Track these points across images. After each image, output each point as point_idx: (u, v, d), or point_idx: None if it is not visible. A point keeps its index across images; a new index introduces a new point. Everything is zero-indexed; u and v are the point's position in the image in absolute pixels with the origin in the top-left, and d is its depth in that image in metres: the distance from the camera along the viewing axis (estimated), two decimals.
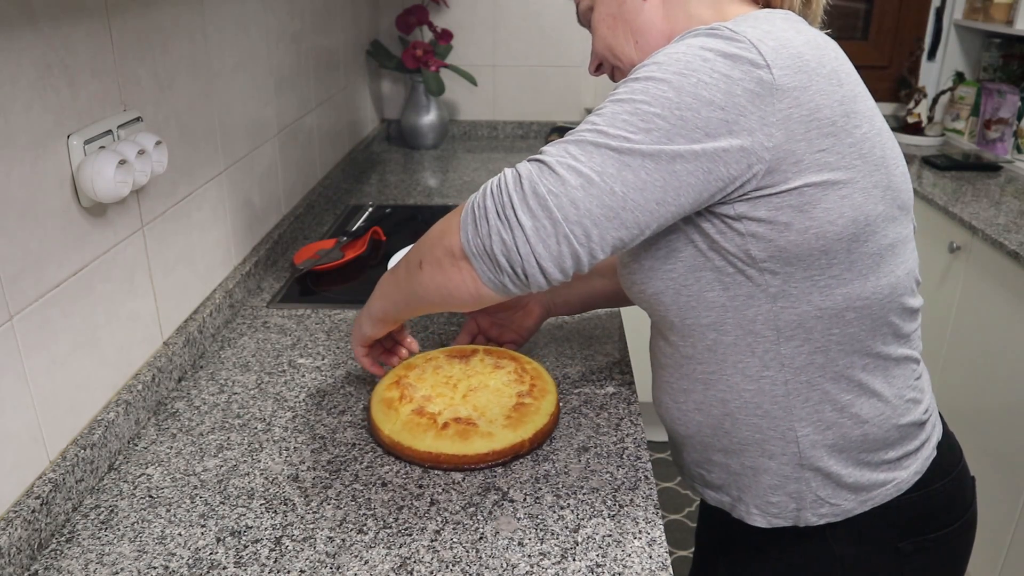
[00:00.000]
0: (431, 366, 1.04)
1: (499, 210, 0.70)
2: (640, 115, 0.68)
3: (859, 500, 0.85)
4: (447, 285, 0.77)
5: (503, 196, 0.70)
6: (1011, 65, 2.56)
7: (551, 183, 0.69)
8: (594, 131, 0.70)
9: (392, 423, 0.94)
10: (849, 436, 0.83)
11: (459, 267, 0.75)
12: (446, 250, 0.76)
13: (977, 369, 1.92)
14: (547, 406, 0.98)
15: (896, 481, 0.85)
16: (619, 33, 0.88)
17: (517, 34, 2.58)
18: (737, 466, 0.88)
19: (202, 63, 1.22)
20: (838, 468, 0.84)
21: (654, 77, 0.69)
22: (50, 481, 0.82)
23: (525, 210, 0.69)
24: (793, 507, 0.86)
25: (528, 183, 0.69)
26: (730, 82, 0.68)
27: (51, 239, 0.85)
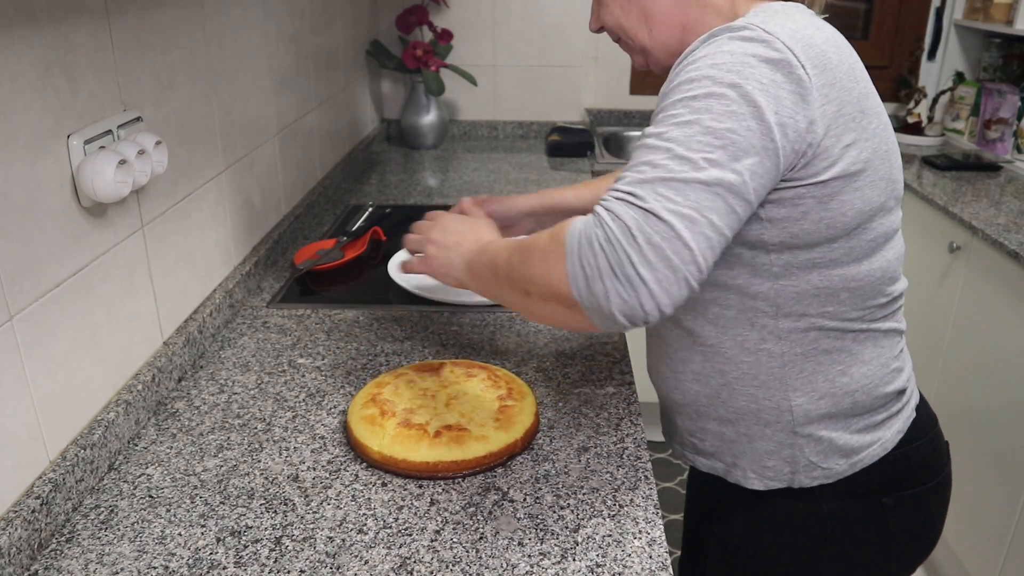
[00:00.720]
0: (403, 381, 1.03)
1: (616, 269, 0.67)
2: (713, 134, 0.69)
3: (849, 463, 0.90)
4: (559, 320, 0.75)
5: (618, 253, 0.67)
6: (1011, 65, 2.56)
7: (663, 231, 0.66)
8: (676, 159, 0.69)
9: (380, 439, 0.92)
10: (840, 404, 0.88)
11: (572, 311, 0.72)
12: (555, 294, 0.73)
13: (977, 369, 1.92)
14: (529, 406, 0.98)
15: (881, 441, 0.91)
16: (633, 17, 0.90)
17: (517, 34, 2.58)
18: (732, 434, 0.92)
19: (202, 63, 1.22)
20: (830, 434, 0.89)
21: (714, 93, 0.71)
22: (50, 481, 0.82)
23: (645, 264, 0.66)
24: (788, 471, 0.91)
25: (642, 235, 0.66)
26: (778, 87, 0.71)
27: (51, 239, 0.85)
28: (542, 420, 1.02)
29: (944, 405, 2.03)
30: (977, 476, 1.90)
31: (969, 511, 1.94)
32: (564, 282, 0.71)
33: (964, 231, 1.96)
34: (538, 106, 2.68)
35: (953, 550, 2.02)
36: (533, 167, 2.32)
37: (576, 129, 2.46)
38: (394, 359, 1.17)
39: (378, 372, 1.14)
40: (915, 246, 2.21)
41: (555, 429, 1.00)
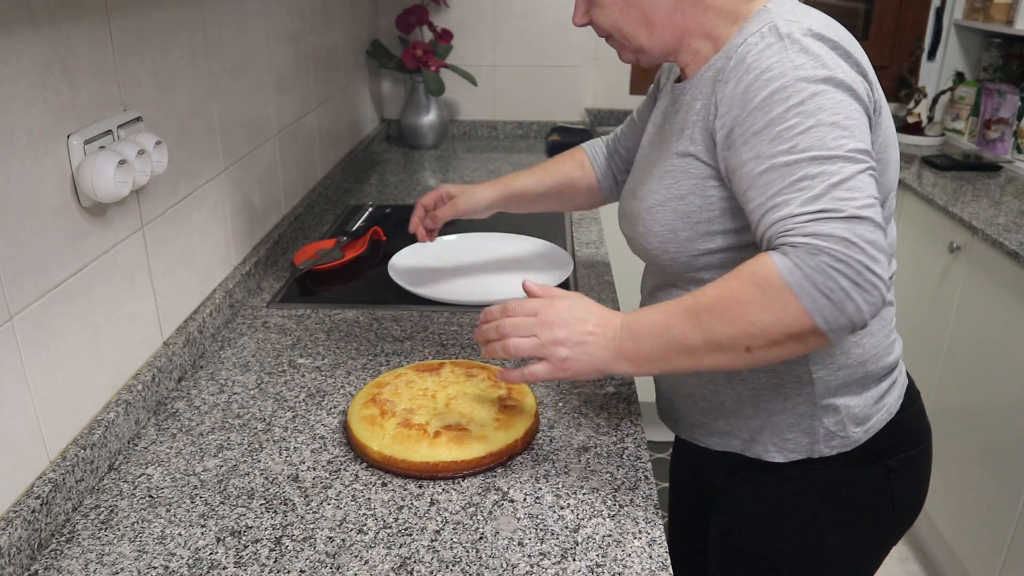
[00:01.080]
0: (402, 382, 1.03)
1: (858, 281, 0.70)
2: (839, 126, 0.75)
3: (864, 430, 0.94)
4: (784, 356, 0.76)
5: (853, 267, 0.70)
6: (1011, 65, 2.56)
7: (869, 228, 0.71)
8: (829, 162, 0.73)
9: (380, 439, 0.92)
10: (855, 374, 0.92)
11: (806, 341, 0.73)
12: (793, 334, 0.73)
13: (977, 369, 1.92)
14: (529, 406, 0.98)
15: (887, 407, 0.96)
16: (632, 19, 0.92)
17: (517, 34, 2.58)
18: (751, 410, 0.95)
19: (202, 63, 1.22)
20: (847, 403, 0.93)
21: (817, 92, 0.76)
22: (50, 481, 0.82)
23: (875, 262, 0.71)
24: (807, 442, 0.94)
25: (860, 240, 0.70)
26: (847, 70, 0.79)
27: (51, 239, 0.85)
28: (542, 420, 1.02)
29: (944, 405, 2.03)
30: (977, 476, 1.90)
31: (969, 511, 1.94)
32: (806, 317, 0.71)
33: (964, 231, 1.96)
34: (538, 106, 2.68)
35: (953, 550, 2.02)
36: None
37: (576, 129, 2.46)
38: (394, 359, 1.17)
39: (378, 372, 1.14)
40: (915, 246, 2.20)
41: (555, 429, 1.00)
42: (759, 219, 0.77)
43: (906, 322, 2.05)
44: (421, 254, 1.55)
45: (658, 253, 0.94)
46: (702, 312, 0.75)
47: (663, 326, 0.78)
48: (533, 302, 0.85)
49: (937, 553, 2.16)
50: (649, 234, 0.94)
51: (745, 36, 0.83)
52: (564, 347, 0.81)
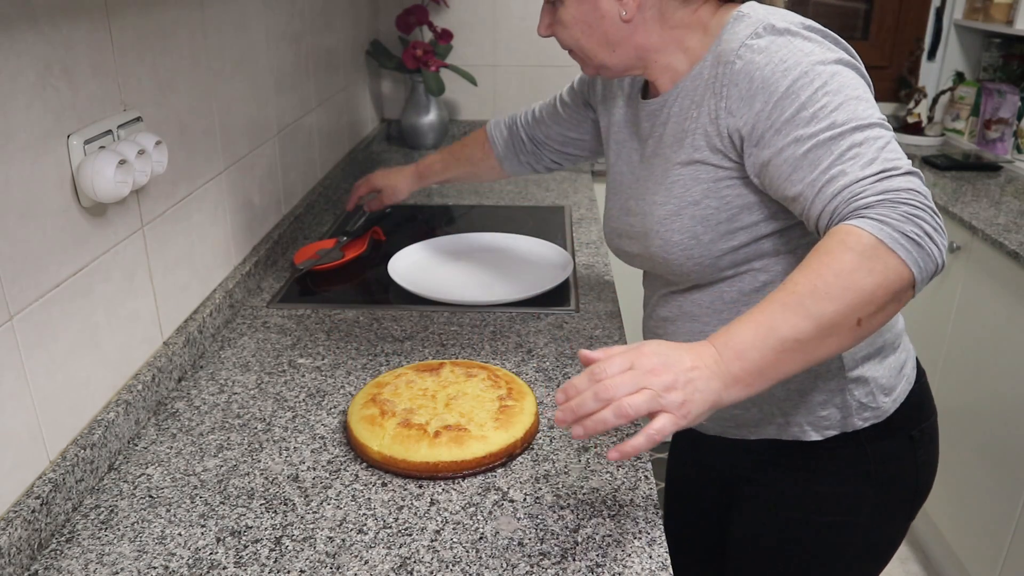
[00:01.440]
0: (402, 382, 1.03)
1: (934, 225, 0.73)
2: (862, 99, 0.80)
3: (892, 400, 0.99)
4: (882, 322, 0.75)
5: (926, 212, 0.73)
6: (1011, 65, 2.56)
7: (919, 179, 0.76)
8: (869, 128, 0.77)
9: (380, 439, 0.92)
10: (875, 343, 0.97)
11: (901, 299, 0.74)
12: (895, 294, 0.72)
13: (977, 369, 1.92)
14: (529, 406, 0.98)
15: (907, 376, 1.01)
16: (593, 40, 0.94)
17: (517, 34, 2.58)
18: (782, 393, 0.97)
19: (202, 63, 1.22)
20: (873, 373, 0.97)
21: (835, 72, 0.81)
22: (50, 481, 0.82)
23: (936, 208, 0.76)
24: (839, 416, 0.97)
25: (922, 187, 0.75)
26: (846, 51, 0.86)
27: (51, 239, 0.85)
28: (542, 420, 1.02)
29: (944, 404, 2.02)
30: (977, 476, 1.90)
31: (969, 511, 1.94)
32: (905, 269, 0.72)
33: (964, 231, 1.96)
34: None
35: (953, 550, 2.02)
36: None
37: None
38: (394, 359, 1.17)
39: (378, 372, 1.14)
40: None
41: (555, 429, 1.00)
42: (815, 196, 0.78)
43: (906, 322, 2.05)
44: (421, 254, 1.55)
45: (682, 261, 0.95)
46: (805, 299, 0.71)
47: (766, 331, 0.72)
48: (618, 357, 0.73)
49: (937, 553, 2.16)
50: (669, 244, 0.95)
51: (738, 41, 0.85)
52: (677, 391, 0.71)
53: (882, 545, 1.05)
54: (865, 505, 1.00)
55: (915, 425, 1.02)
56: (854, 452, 0.99)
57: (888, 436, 0.99)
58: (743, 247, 0.92)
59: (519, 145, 1.37)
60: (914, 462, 1.02)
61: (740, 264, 0.94)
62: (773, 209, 0.90)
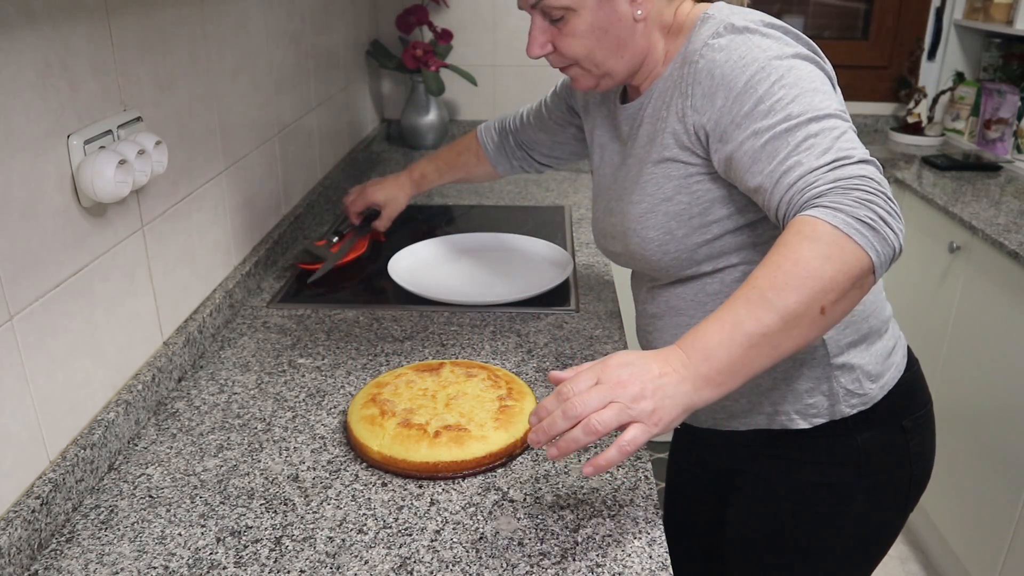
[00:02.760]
0: (402, 382, 1.03)
1: (889, 210, 0.74)
2: (819, 92, 0.80)
3: (879, 386, 0.98)
4: (846, 310, 0.75)
5: (881, 198, 0.74)
6: (1011, 65, 2.56)
7: (877, 167, 0.77)
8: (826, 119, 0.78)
9: (380, 439, 0.92)
10: (860, 329, 0.97)
11: (862, 286, 0.74)
12: (855, 279, 0.72)
13: (977, 369, 1.92)
14: (529, 406, 0.98)
15: (896, 364, 1.01)
16: (607, 45, 0.93)
17: (517, 34, 2.58)
18: (769, 382, 0.98)
19: (202, 63, 1.22)
20: (859, 360, 0.97)
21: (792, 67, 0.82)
22: (50, 481, 0.82)
23: (892, 196, 0.76)
24: (828, 404, 0.97)
25: (878, 174, 0.76)
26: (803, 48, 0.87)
27: (51, 239, 0.85)
28: None
29: (944, 405, 2.02)
30: (977, 476, 1.90)
31: (969, 511, 1.94)
32: (863, 254, 0.72)
33: (964, 231, 1.96)
34: None
35: (953, 550, 2.02)
36: None
37: None
38: (394, 359, 1.17)
39: (378, 372, 1.14)
40: (915, 246, 2.20)
41: None
42: (773, 186, 0.79)
43: (906, 322, 2.05)
44: (421, 254, 1.55)
45: (659, 256, 0.96)
46: (767, 292, 0.71)
47: (732, 328, 0.71)
48: (585, 373, 0.73)
49: (937, 553, 2.16)
50: (645, 241, 0.96)
51: (701, 41, 0.87)
52: (646, 400, 0.70)
53: (877, 537, 1.05)
54: (857, 496, 1.00)
55: (906, 414, 1.01)
56: (844, 442, 0.99)
57: (878, 425, 0.99)
58: (717, 239, 0.93)
59: (510, 150, 1.39)
60: (907, 452, 1.02)
61: (717, 257, 0.95)
62: (744, 202, 0.91)
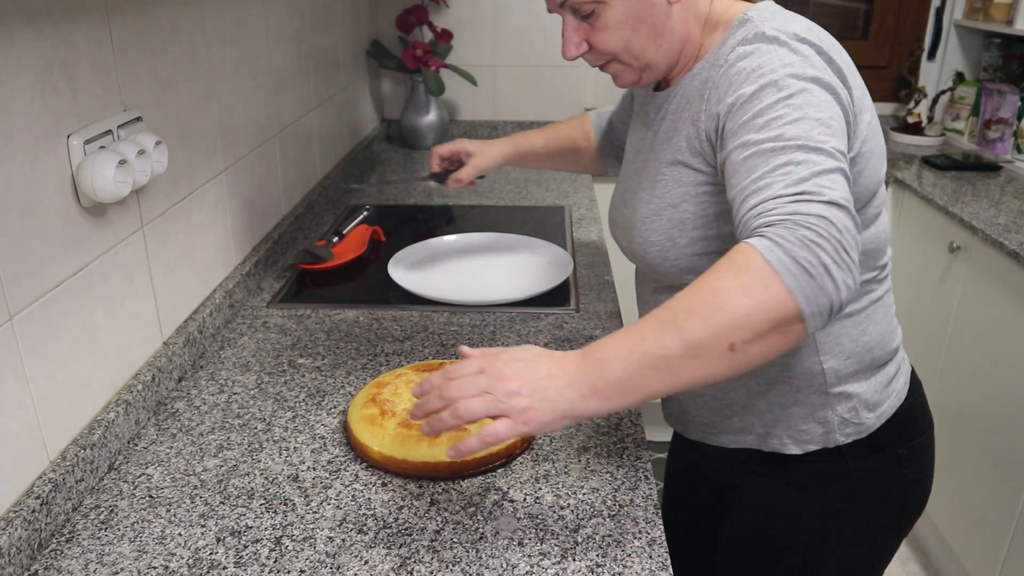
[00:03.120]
0: (403, 382, 1.03)
1: (836, 259, 0.67)
2: (823, 123, 0.75)
3: (876, 416, 0.96)
4: (766, 355, 0.69)
5: (833, 244, 0.67)
6: (1011, 65, 2.56)
7: (845, 215, 0.70)
8: (814, 152, 0.73)
9: (380, 439, 0.92)
10: (863, 360, 0.94)
11: (787, 332, 0.68)
12: (775, 322, 0.67)
13: (977, 369, 1.92)
14: None
15: (896, 392, 0.98)
16: (643, 34, 0.90)
17: (517, 34, 2.58)
18: (763, 404, 0.96)
19: (202, 63, 1.22)
20: (858, 390, 0.94)
21: (806, 89, 0.77)
22: (50, 481, 0.82)
23: (852, 247, 0.69)
24: (821, 431, 0.95)
25: (839, 222, 0.69)
26: (831, 75, 0.80)
27: (51, 239, 0.85)
28: None
29: (944, 405, 2.03)
30: (977, 476, 1.90)
31: (969, 511, 1.94)
32: (789, 298, 0.66)
33: (964, 231, 1.96)
34: (538, 106, 2.68)
35: (953, 550, 2.02)
36: None
37: None
38: (394, 359, 1.17)
39: (378, 372, 1.14)
40: (915, 246, 2.20)
41: None
42: (739, 204, 0.74)
43: (906, 322, 2.05)
44: (421, 254, 1.55)
45: (658, 261, 0.95)
46: (678, 314, 0.68)
47: (633, 344, 0.69)
48: (474, 359, 0.75)
49: (937, 553, 2.16)
50: (647, 244, 0.95)
51: (732, 45, 0.85)
52: (521, 398, 0.70)
53: (869, 560, 1.02)
54: (848, 520, 0.98)
55: (903, 442, 0.99)
56: (836, 468, 0.97)
57: (873, 454, 0.97)
58: (718, 253, 0.88)
59: (613, 140, 1.34)
60: (900, 480, 0.99)
61: None
62: None
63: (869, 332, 0.94)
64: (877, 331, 0.95)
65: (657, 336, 0.68)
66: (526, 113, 2.69)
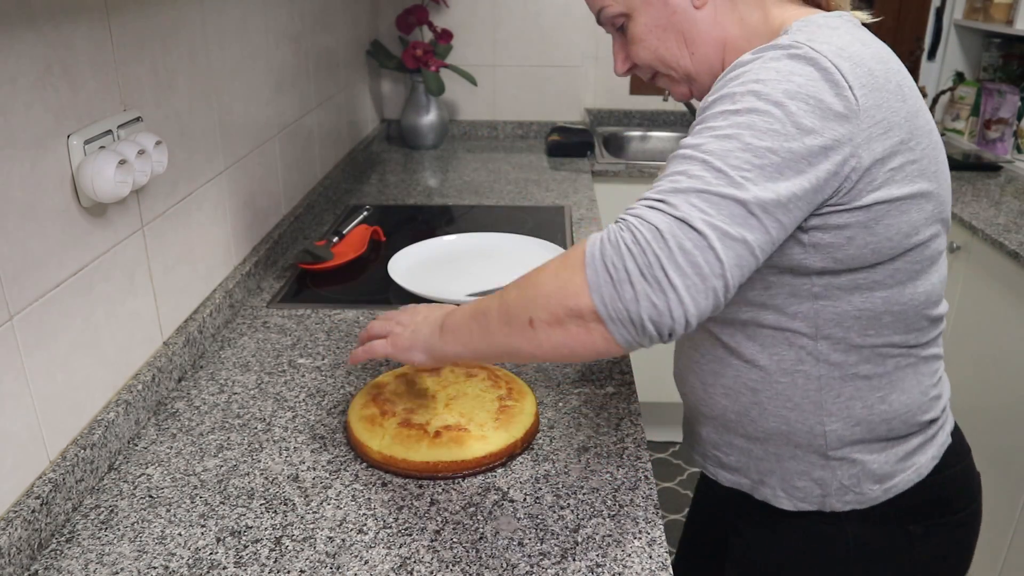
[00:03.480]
0: (402, 381, 1.03)
1: (645, 271, 0.64)
2: (752, 151, 0.67)
3: (883, 488, 0.86)
4: (570, 345, 0.69)
5: (647, 256, 0.64)
6: (1011, 65, 2.56)
7: (695, 239, 0.64)
8: (713, 172, 0.67)
9: (380, 439, 0.92)
10: (876, 430, 0.85)
11: (589, 329, 0.67)
12: (571, 311, 0.67)
13: (977, 369, 1.92)
14: (529, 407, 0.98)
15: (916, 467, 0.87)
16: (671, 43, 0.87)
17: (517, 34, 2.58)
18: (760, 452, 0.89)
19: (202, 63, 1.22)
20: (863, 457, 0.85)
21: (757, 109, 0.68)
22: (50, 481, 0.82)
23: (675, 269, 0.64)
24: (818, 493, 0.87)
25: (673, 240, 0.64)
26: (823, 108, 0.69)
27: (51, 239, 0.85)
28: (542, 420, 1.02)
29: None
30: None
31: None
32: (584, 292, 0.66)
33: (964, 231, 1.96)
34: (538, 106, 2.68)
35: None
36: (533, 167, 2.32)
37: (576, 129, 2.46)
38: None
39: (378, 372, 1.14)
40: None
41: (555, 429, 1.00)
42: None
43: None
44: (421, 254, 1.55)
45: None
46: (521, 279, 0.75)
47: (478, 302, 0.80)
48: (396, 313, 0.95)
49: None
50: None
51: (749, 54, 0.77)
52: (401, 327, 0.90)
53: None
54: None
55: (918, 520, 0.88)
56: (833, 530, 0.88)
57: (877, 524, 0.87)
58: None
59: None
60: (909, 560, 0.88)
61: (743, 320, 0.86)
62: None
63: (890, 401, 0.84)
64: (902, 401, 0.84)
65: (490, 299, 0.77)
66: (526, 113, 2.69)
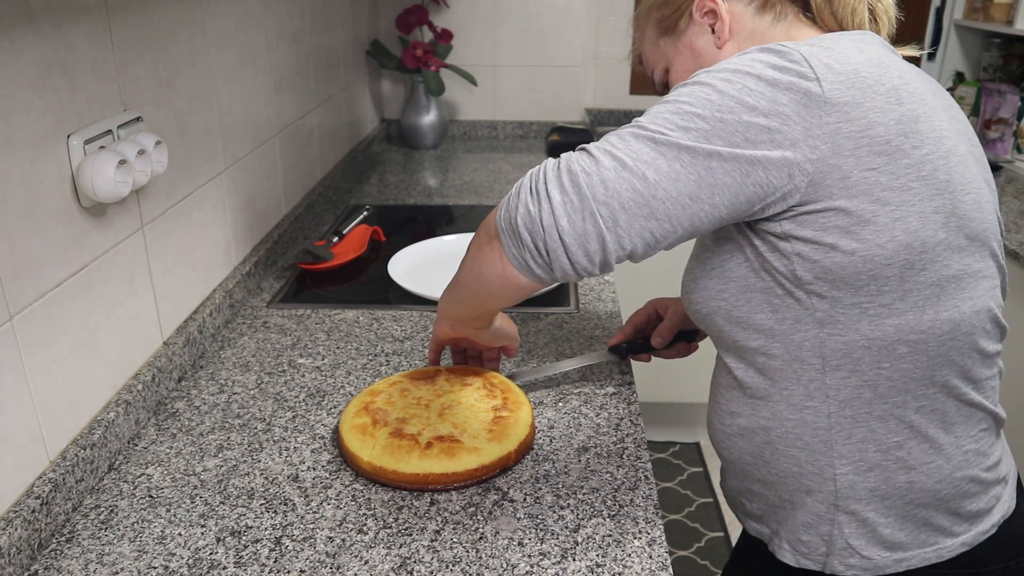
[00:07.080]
0: (396, 390, 1.01)
1: (532, 186, 0.72)
2: (681, 114, 0.69)
3: (893, 558, 0.79)
4: (480, 263, 0.78)
5: (539, 174, 0.72)
6: (1011, 65, 2.56)
7: (586, 163, 0.70)
8: (636, 125, 0.71)
9: (370, 449, 0.90)
10: (892, 482, 0.78)
11: (492, 245, 0.77)
12: (486, 230, 0.78)
13: None
14: (525, 417, 0.96)
15: (938, 547, 0.79)
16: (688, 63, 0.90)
17: (517, 34, 2.58)
18: (775, 498, 0.85)
19: (202, 63, 1.22)
20: (875, 516, 0.79)
21: (701, 82, 0.71)
22: (50, 481, 0.82)
23: (556, 185, 0.70)
24: (823, 550, 0.82)
25: (564, 163, 0.71)
26: (775, 91, 0.68)
27: (51, 239, 0.85)
28: (542, 420, 1.02)
29: None
30: None
31: None
32: (494, 215, 0.76)
33: None
34: (538, 106, 2.68)
35: None
36: (533, 167, 2.31)
37: (576, 129, 2.46)
38: (394, 359, 1.17)
39: (378, 372, 1.14)
40: None
41: (555, 429, 1.00)
42: None
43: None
44: (421, 254, 1.55)
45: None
46: None
47: None
48: None
49: None
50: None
51: None
52: None
53: None
54: None
55: None
56: None
57: None
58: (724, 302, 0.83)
59: None
60: None
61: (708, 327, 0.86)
62: None
63: (907, 448, 0.77)
64: (922, 451, 0.78)
65: None
66: (526, 113, 2.69)
